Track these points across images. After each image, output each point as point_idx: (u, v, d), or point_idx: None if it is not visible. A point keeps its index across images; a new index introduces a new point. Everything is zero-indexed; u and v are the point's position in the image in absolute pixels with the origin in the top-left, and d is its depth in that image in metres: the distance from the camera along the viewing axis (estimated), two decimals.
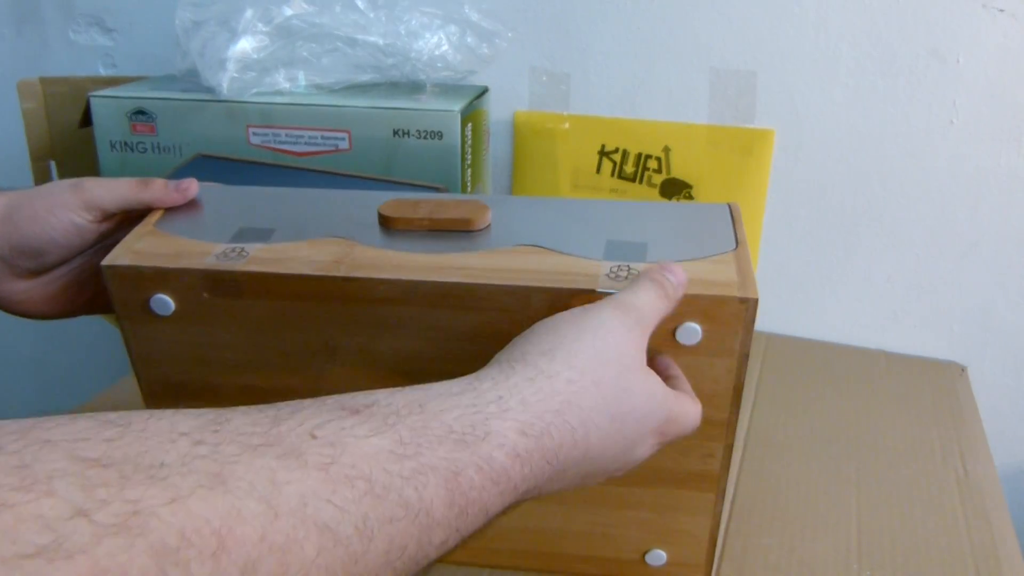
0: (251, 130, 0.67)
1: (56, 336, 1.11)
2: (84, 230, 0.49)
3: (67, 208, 0.48)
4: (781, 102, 0.77)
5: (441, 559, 0.34)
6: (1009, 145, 0.73)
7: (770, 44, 0.75)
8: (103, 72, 0.95)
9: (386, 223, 0.49)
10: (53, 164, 0.78)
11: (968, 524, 0.58)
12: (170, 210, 0.51)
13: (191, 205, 0.52)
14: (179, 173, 0.67)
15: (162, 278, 0.45)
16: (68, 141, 0.76)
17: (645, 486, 0.49)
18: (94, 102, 0.66)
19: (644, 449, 0.38)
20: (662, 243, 0.47)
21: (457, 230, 0.48)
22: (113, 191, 0.49)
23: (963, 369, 0.80)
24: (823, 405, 0.72)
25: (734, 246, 0.46)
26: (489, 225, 0.49)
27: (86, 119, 0.68)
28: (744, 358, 0.43)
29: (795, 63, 0.75)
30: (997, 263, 0.77)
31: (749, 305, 0.42)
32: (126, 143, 0.67)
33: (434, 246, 0.47)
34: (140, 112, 0.66)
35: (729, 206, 0.51)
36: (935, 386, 0.76)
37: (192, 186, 0.51)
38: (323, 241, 0.47)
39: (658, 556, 0.51)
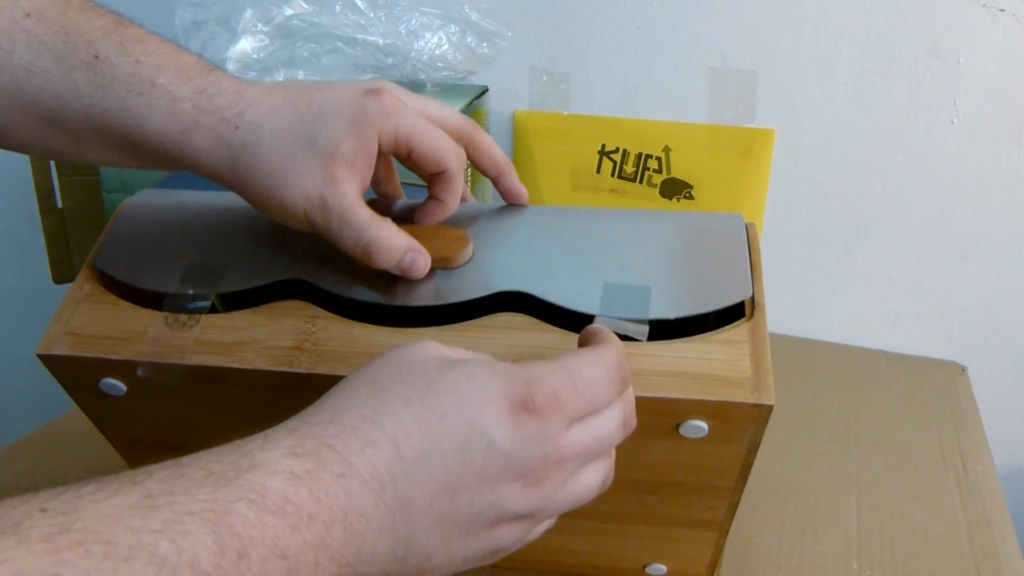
0: None
1: None
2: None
3: (299, 205, 0.40)
4: (781, 102, 0.77)
5: None
6: (1009, 145, 0.73)
7: (770, 44, 0.75)
8: None
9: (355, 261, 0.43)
10: (53, 164, 0.78)
11: (968, 524, 0.58)
12: (111, 240, 0.45)
13: (136, 230, 0.46)
14: (179, 173, 0.67)
15: (106, 365, 0.40)
16: None
17: (645, 524, 0.47)
18: None
19: (500, 423, 0.31)
20: (667, 286, 0.41)
21: (434, 268, 0.42)
22: (350, 220, 0.39)
23: (963, 369, 0.80)
24: (823, 405, 0.72)
25: (750, 293, 0.40)
26: (471, 259, 0.44)
27: None
28: (755, 446, 0.39)
29: (795, 63, 0.75)
30: (997, 263, 0.77)
31: (763, 411, 0.37)
32: None
33: (405, 300, 0.42)
34: None
35: (746, 227, 0.45)
36: (935, 386, 0.76)
37: (415, 270, 0.41)
38: (283, 311, 0.41)
39: (658, 568, 0.50)
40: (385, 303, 0.42)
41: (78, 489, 0.24)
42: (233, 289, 0.43)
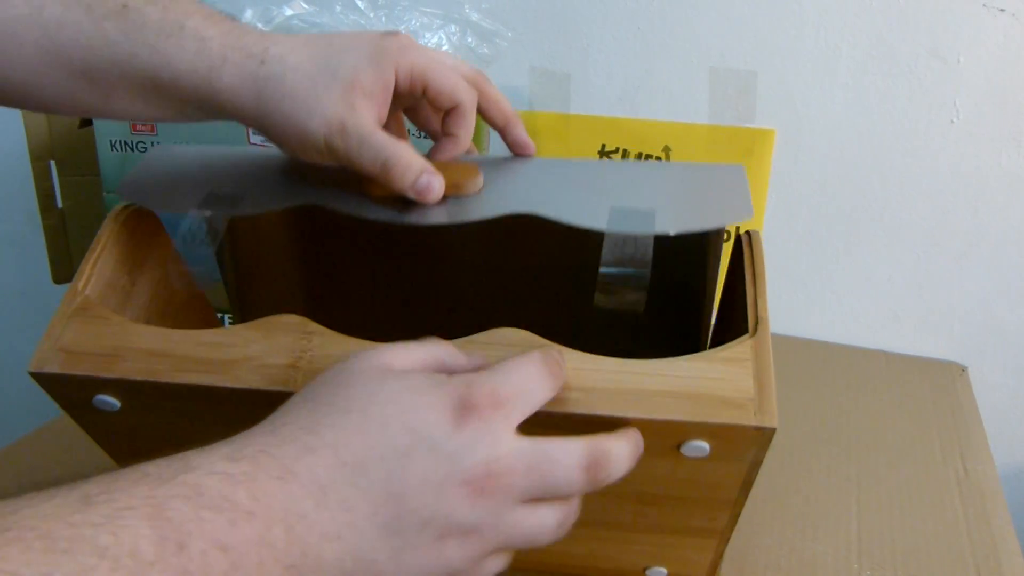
0: (251, 129, 0.67)
1: None
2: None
3: (315, 137, 0.41)
4: (781, 102, 0.77)
5: None
6: (1009, 145, 0.73)
7: (770, 44, 0.75)
8: None
9: (365, 186, 0.45)
10: (53, 164, 0.78)
11: (968, 524, 0.58)
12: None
13: (159, 169, 0.47)
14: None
15: (99, 383, 0.40)
16: (68, 141, 0.76)
17: (646, 532, 0.47)
18: None
19: (441, 425, 0.31)
20: (671, 209, 0.42)
21: (446, 196, 0.44)
22: (368, 139, 0.41)
23: (963, 369, 0.80)
24: (823, 405, 0.72)
25: (749, 214, 0.41)
26: (481, 189, 0.45)
27: (86, 119, 0.68)
28: (757, 463, 0.39)
29: (795, 63, 0.75)
30: (997, 263, 0.77)
31: (766, 433, 0.36)
32: (126, 143, 0.67)
33: (419, 220, 0.43)
34: None
35: (749, 234, 0.46)
36: (935, 386, 0.76)
37: (431, 192, 0.43)
38: (278, 326, 0.41)
39: (659, 571, 0.50)
40: (398, 221, 0.43)
41: (17, 498, 0.25)
42: (248, 213, 0.44)
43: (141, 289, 0.49)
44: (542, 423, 0.34)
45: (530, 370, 0.34)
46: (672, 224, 0.41)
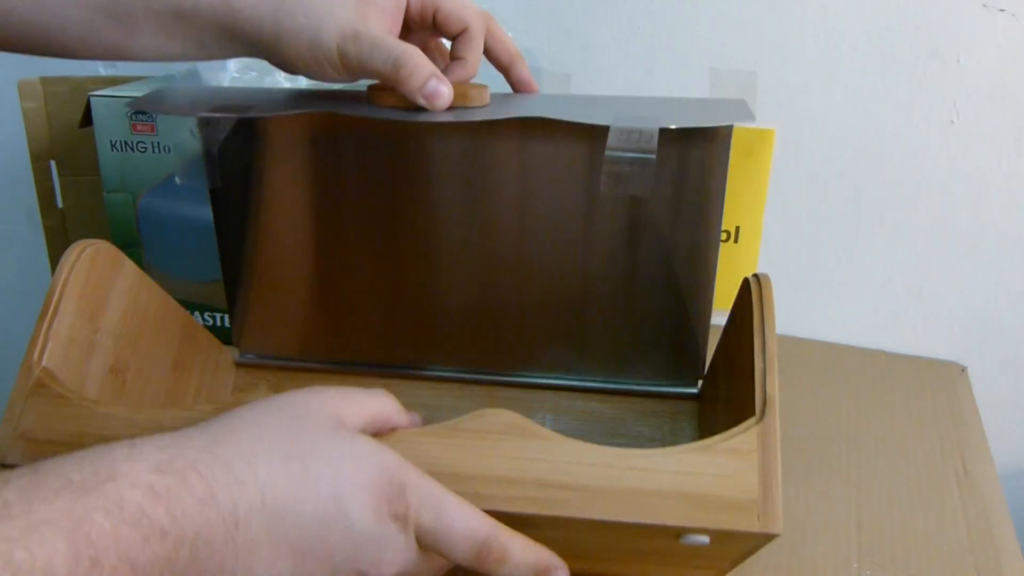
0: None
1: None
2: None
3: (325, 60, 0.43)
4: (781, 102, 0.77)
5: None
6: (1009, 145, 0.73)
7: (770, 44, 0.75)
8: (103, 72, 0.95)
9: (374, 98, 0.47)
10: (53, 164, 0.78)
11: (968, 524, 0.58)
12: None
13: (168, 92, 0.51)
14: (179, 172, 0.67)
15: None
16: (68, 141, 0.76)
17: (642, 564, 0.46)
18: (94, 102, 0.66)
19: (364, 511, 0.31)
20: (675, 114, 0.45)
21: (454, 105, 0.45)
22: (380, 42, 0.42)
23: (963, 369, 0.80)
24: (823, 405, 0.72)
25: (752, 119, 0.44)
26: (488, 105, 0.47)
27: (86, 119, 0.68)
28: (758, 547, 0.38)
29: (795, 63, 0.75)
30: (997, 263, 0.77)
31: (769, 537, 0.35)
32: (126, 143, 0.67)
33: (427, 119, 0.45)
34: (140, 112, 0.66)
35: (758, 277, 0.46)
36: (935, 386, 0.76)
37: (439, 97, 0.44)
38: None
39: None
40: (406, 119, 0.44)
41: None
42: (256, 116, 0.46)
43: (107, 329, 0.48)
44: (524, 523, 0.34)
45: (468, 528, 0.33)
46: (676, 121, 0.43)
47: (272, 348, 0.59)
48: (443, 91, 0.43)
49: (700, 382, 0.57)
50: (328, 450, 0.32)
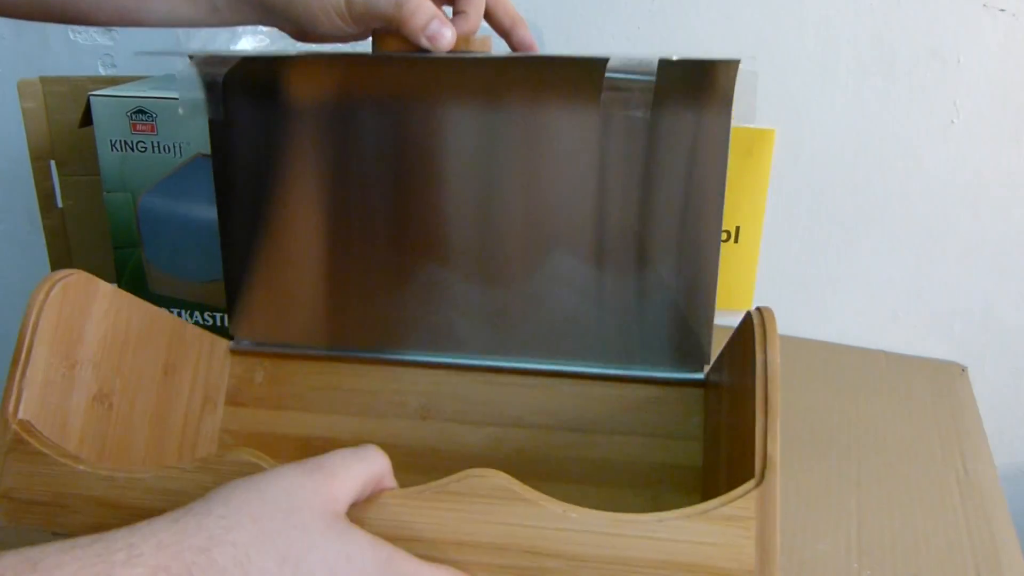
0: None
1: None
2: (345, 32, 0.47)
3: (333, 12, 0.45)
4: (781, 102, 0.77)
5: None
6: (1009, 145, 0.73)
7: (770, 44, 0.75)
8: (103, 72, 0.95)
9: (379, 43, 0.48)
10: (53, 164, 0.78)
11: (968, 524, 0.58)
12: None
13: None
14: (179, 173, 0.67)
15: (51, 533, 0.39)
16: (68, 141, 0.76)
17: None
18: (94, 102, 0.66)
19: None
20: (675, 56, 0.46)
21: (456, 49, 0.47)
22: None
23: (963, 369, 0.80)
24: (823, 405, 0.72)
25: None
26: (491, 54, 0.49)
27: (86, 119, 0.68)
28: None
29: (795, 63, 0.75)
30: (997, 263, 0.77)
31: None
32: (126, 142, 0.67)
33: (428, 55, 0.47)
34: (140, 112, 0.66)
35: (761, 312, 0.42)
36: (935, 386, 0.76)
37: (442, 38, 0.46)
38: (228, 464, 0.39)
39: None
40: (409, 56, 0.46)
41: None
42: (264, 55, 0.48)
43: (86, 360, 0.47)
44: None
45: None
46: (679, 55, 0.44)
47: (269, 333, 0.58)
48: (446, 32, 0.45)
49: (706, 368, 0.56)
50: (322, 550, 0.32)
